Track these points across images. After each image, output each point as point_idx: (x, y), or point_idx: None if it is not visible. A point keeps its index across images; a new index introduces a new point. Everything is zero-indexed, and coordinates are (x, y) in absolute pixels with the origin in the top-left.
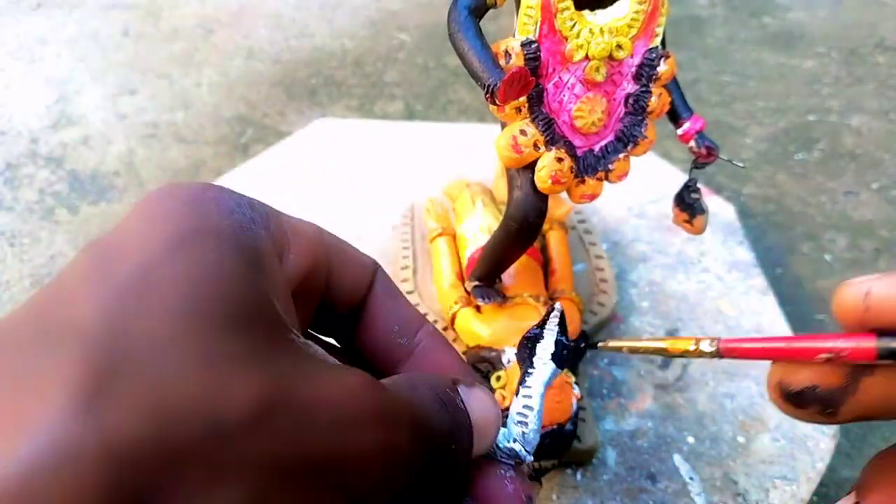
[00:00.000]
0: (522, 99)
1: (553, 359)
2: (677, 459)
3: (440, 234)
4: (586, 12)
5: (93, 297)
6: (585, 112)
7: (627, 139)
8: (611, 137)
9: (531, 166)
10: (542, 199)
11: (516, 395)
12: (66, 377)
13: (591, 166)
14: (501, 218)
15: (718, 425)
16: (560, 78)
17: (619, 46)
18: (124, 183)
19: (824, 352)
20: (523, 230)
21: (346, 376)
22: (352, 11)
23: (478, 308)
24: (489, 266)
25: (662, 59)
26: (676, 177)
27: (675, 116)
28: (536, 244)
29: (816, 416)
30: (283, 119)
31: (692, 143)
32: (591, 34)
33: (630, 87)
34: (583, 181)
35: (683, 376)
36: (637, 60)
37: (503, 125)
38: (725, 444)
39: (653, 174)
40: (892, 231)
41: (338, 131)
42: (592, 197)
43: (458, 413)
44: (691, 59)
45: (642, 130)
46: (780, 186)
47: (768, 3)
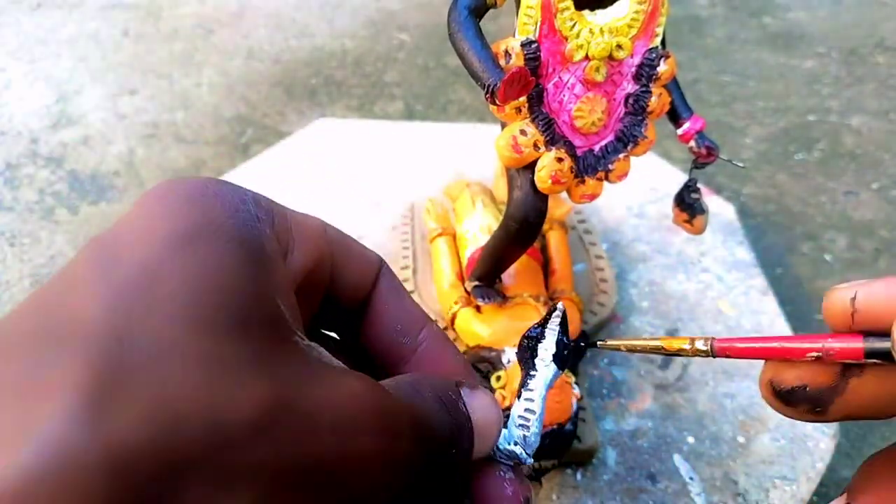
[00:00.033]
0: (522, 99)
1: (554, 360)
2: (677, 459)
3: (440, 234)
4: (586, 12)
5: (96, 299)
6: (585, 112)
7: (627, 139)
8: (611, 137)
9: (531, 166)
10: (542, 199)
11: (518, 397)
12: (70, 381)
13: (591, 166)
14: (501, 218)
15: (718, 425)
16: (560, 78)
17: (619, 46)
18: (124, 183)
19: (814, 351)
20: (523, 230)
21: (350, 381)
22: (352, 11)
23: (478, 308)
24: (489, 266)
25: (662, 59)
26: (676, 177)
27: (675, 116)
28: (536, 244)
29: (806, 414)
30: (283, 119)
31: (692, 143)
32: (591, 34)
33: (630, 87)
34: (583, 181)
35: (683, 376)
36: (637, 60)
37: (503, 125)
38: (725, 444)
39: (653, 174)
40: (892, 231)
41: (338, 131)
42: (592, 197)
43: (460, 416)
44: (691, 59)
45: (642, 130)
46: (780, 186)
47: (768, 3)
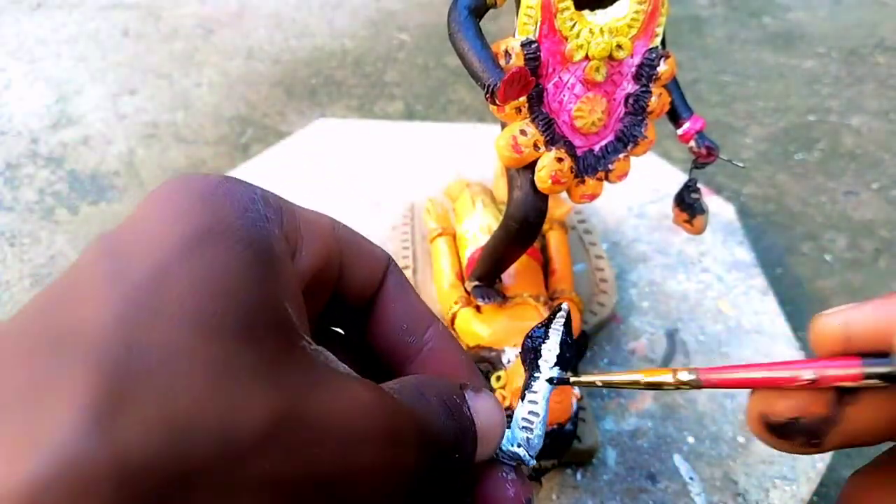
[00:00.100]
0: (522, 99)
1: (558, 361)
2: (677, 459)
3: (440, 234)
4: (586, 12)
5: (104, 304)
6: (585, 112)
7: (627, 139)
8: (611, 137)
9: (531, 166)
10: (542, 199)
11: (521, 399)
12: (79, 389)
13: (591, 166)
14: (501, 218)
15: (718, 425)
16: (560, 78)
17: (619, 46)
18: (124, 183)
19: (809, 376)
20: (523, 230)
21: (356, 389)
22: (352, 11)
23: (478, 308)
24: (489, 266)
25: (662, 59)
26: (676, 177)
27: (675, 116)
28: (536, 244)
29: (801, 447)
30: (283, 119)
31: (692, 143)
32: (591, 34)
33: (630, 87)
34: (583, 181)
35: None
36: (637, 60)
37: (503, 125)
38: (725, 444)
39: (653, 174)
40: (892, 231)
41: (338, 131)
42: (592, 197)
43: (464, 420)
44: (691, 59)
45: (642, 130)
46: (780, 186)
47: (768, 3)
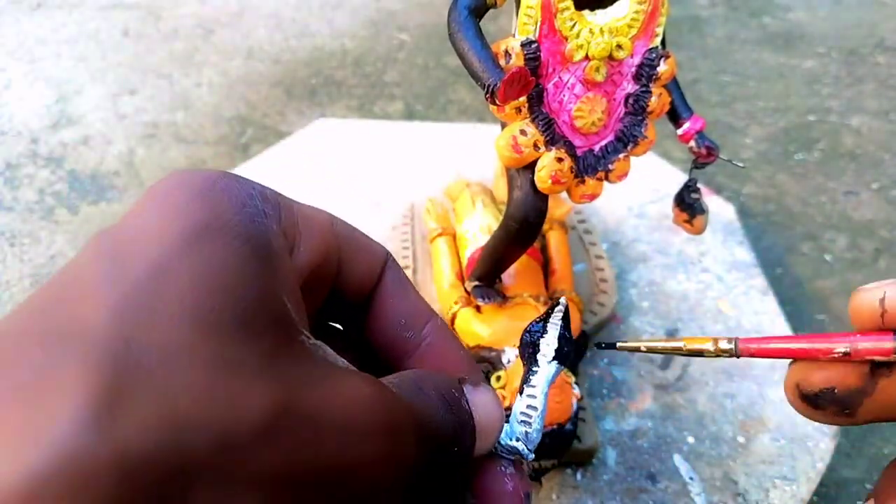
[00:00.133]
0: (522, 99)
1: (556, 355)
2: (677, 459)
3: (440, 234)
4: (586, 12)
5: (103, 300)
6: (585, 112)
7: (627, 139)
8: (611, 137)
9: (531, 166)
10: (542, 199)
11: (520, 393)
12: (78, 384)
13: (591, 166)
14: (501, 218)
15: (718, 425)
16: (560, 78)
17: (619, 46)
18: (124, 183)
19: (843, 347)
20: (523, 230)
21: (355, 383)
22: (352, 11)
23: (478, 308)
24: (489, 266)
25: (662, 59)
26: (676, 177)
27: (675, 116)
28: (536, 244)
29: (834, 417)
30: (283, 119)
31: (692, 143)
32: (591, 34)
33: (630, 87)
34: (583, 181)
35: (683, 376)
36: (637, 60)
37: (503, 125)
38: (725, 444)
39: (653, 174)
40: (892, 231)
41: (338, 131)
42: (592, 197)
43: (463, 414)
44: (691, 59)
45: (642, 130)
46: (780, 186)
47: (768, 3)
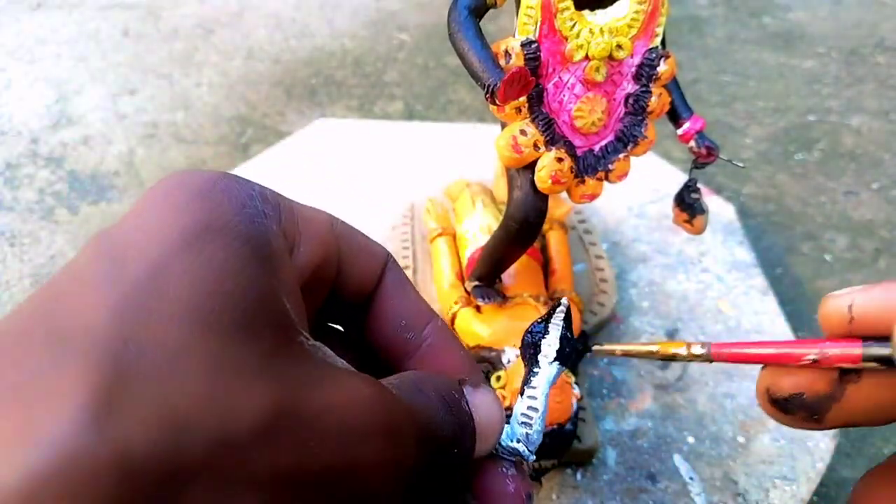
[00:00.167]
0: (522, 99)
1: (558, 356)
2: (677, 459)
3: (440, 234)
4: (586, 12)
5: (102, 300)
6: (585, 112)
7: (627, 139)
8: (611, 137)
9: (531, 166)
10: (542, 199)
11: (521, 395)
12: (77, 384)
13: (591, 166)
14: (501, 218)
15: (718, 425)
16: (560, 78)
17: (619, 46)
18: (124, 183)
19: (812, 355)
20: (523, 230)
21: (355, 384)
22: (352, 11)
23: (478, 308)
24: (489, 266)
25: (662, 59)
26: (676, 177)
27: (675, 116)
28: (536, 244)
29: (802, 422)
30: (283, 119)
31: (692, 143)
32: (591, 34)
33: (630, 87)
34: (583, 181)
35: (683, 376)
36: (637, 60)
37: (503, 125)
38: (725, 444)
39: (653, 174)
40: (892, 231)
41: (338, 131)
42: (592, 197)
43: (463, 416)
44: (691, 59)
45: (642, 130)
46: (780, 186)
47: (768, 3)
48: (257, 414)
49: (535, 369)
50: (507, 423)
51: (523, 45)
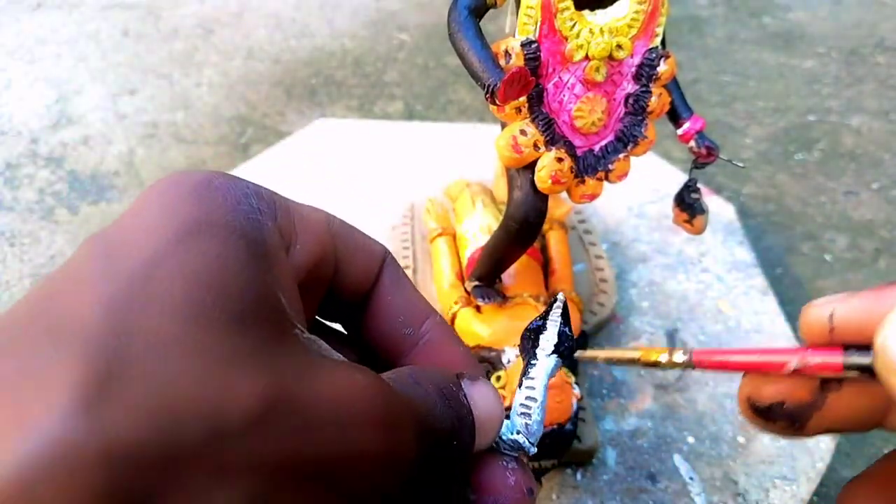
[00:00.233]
0: (522, 99)
1: (556, 350)
2: (677, 459)
3: (440, 234)
4: (586, 12)
5: (95, 294)
6: (585, 112)
7: (627, 139)
8: (611, 137)
9: (531, 166)
10: (542, 199)
11: (519, 386)
12: (67, 377)
13: (591, 166)
14: (501, 218)
15: (718, 425)
16: (560, 78)
17: (619, 46)
18: (124, 183)
19: (793, 363)
20: (523, 230)
21: (351, 375)
22: (352, 11)
23: (478, 308)
24: (489, 266)
25: (662, 59)
26: (676, 177)
27: (675, 116)
28: (536, 244)
29: (784, 430)
30: (283, 119)
31: (692, 143)
32: (591, 34)
33: (630, 87)
34: (583, 181)
35: (683, 376)
36: (637, 60)
37: (503, 125)
38: (725, 444)
39: (653, 174)
40: (892, 231)
41: (338, 131)
42: (592, 197)
43: (461, 409)
44: (691, 59)
45: (642, 130)
46: (780, 186)
47: (768, 3)
48: (250, 403)
49: (533, 361)
50: (507, 417)
51: (523, 45)
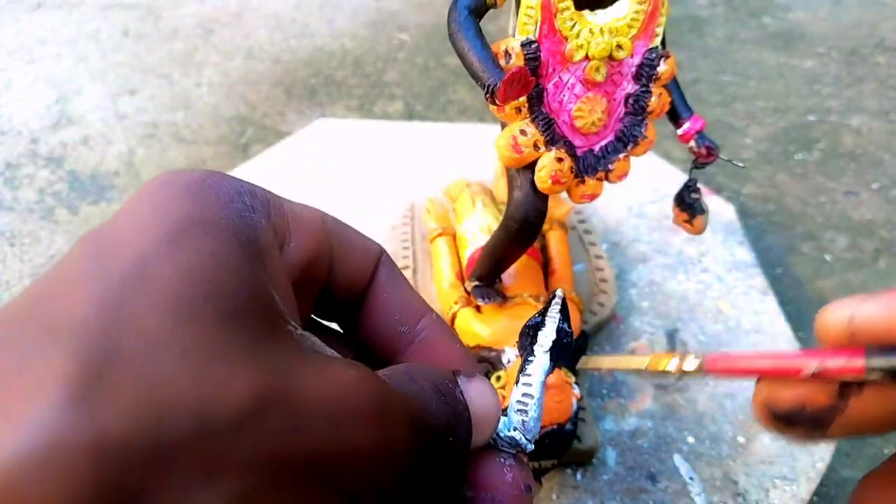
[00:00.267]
0: (522, 99)
1: (554, 346)
2: (677, 459)
3: (440, 234)
4: (586, 12)
5: (87, 291)
6: (585, 112)
7: (627, 139)
8: (611, 137)
9: (531, 166)
10: (542, 199)
11: (516, 383)
12: (57, 372)
13: (591, 166)
14: (501, 218)
15: (718, 425)
16: (560, 78)
17: (619, 46)
18: (124, 183)
19: (813, 368)
20: (523, 230)
21: (344, 370)
22: (352, 11)
23: (478, 308)
24: (489, 266)
25: (662, 59)
26: (676, 177)
27: (675, 116)
28: (536, 244)
29: (804, 435)
30: (283, 119)
31: (692, 143)
32: (591, 34)
33: (630, 87)
34: (583, 181)
35: (683, 376)
36: (637, 60)
37: (503, 125)
38: (725, 444)
39: (653, 174)
40: (892, 231)
41: (338, 131)
42: (592, 197)
43: (457, 405)
44: (691, 59)
45: (642, 130)
46: (780, 186)
47: (768, 3)
48: (241, 398)
49: (531, 358)
50: (504, 413)
51: (523, 45)
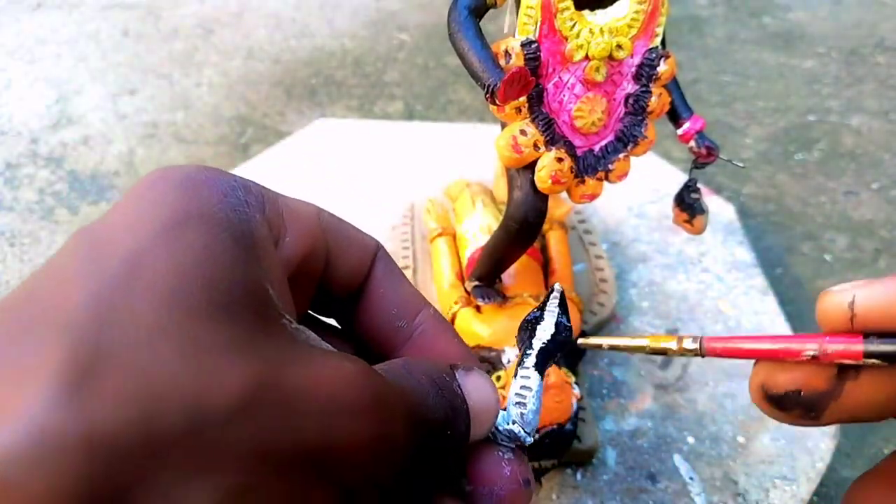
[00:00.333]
0: (522, 99)
1: (552, 339)
2: (677, 459)
3: (440, 234)
4: (586, 12)
5: (80, 285)
6: (585, 112)
7: (627, 139)
8: (611, 137)
9: (531, 166)
10: (542, 199)
11: (515, 376)
12: (50, 365)
13: (591, 166)
14: (501, 218)
15: (718, 425)
16: (560, 78)
17: (619, 46)
18: (124, 183)
19: (811, 351)
20: (523, 230)
21: (339, 363)
22: (352, 11)
23: (478, 308)
24: (489, 266)
25: (662, 59)
26: (676, 177)
27: (675, 116)
28: (536, 244)
29: (799, 419)
30: (283, 119)
31: (692, 143)
32: (591, 34)
33: (630, 87)
34: (583, 181)
35: (683, 376)
36: (637, 60)
37: (503, 125)
38: (725, 444)
39: (653, 174)
40: (892, 231)
41: (338, 131)
42: (592, 197)
43: (455, 398)
44: (691, 59)
45: (642, 130)
46: (780, 186)
47: (768, 3)
48: (235, 390)
49: (529, 351)
50: (503, 407)
51: (523, 45)
